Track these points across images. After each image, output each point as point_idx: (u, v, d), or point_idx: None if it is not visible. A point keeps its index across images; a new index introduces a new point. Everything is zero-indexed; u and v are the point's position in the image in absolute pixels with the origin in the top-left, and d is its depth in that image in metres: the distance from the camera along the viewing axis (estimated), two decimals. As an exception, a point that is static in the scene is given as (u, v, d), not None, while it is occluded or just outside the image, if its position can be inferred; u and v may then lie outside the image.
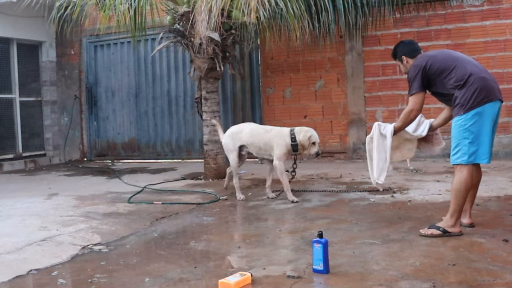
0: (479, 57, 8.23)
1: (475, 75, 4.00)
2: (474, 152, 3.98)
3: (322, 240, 3.31)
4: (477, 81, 3.98)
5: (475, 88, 3.96)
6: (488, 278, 3.10)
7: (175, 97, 10.38)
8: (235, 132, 6.15)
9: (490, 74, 4.19)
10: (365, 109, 9.05)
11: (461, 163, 4.01)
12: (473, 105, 3.96)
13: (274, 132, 5.88)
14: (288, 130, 5.80)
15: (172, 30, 7.73)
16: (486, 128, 4.00)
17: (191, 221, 5.09)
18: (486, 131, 4.00)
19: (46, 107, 11.14)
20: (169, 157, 10.49)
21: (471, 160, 3.98)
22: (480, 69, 4.10)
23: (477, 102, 3.96)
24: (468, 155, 3.98)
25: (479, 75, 4.02)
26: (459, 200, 4.01)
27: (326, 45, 8.74)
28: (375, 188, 6.12)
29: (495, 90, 4.05)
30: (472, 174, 4.04)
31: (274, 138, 5.80)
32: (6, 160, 10.06)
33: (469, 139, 3.98)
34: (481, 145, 3.99)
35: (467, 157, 3.99)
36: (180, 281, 3.29)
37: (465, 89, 3.99)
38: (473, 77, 3.99)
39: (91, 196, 6.51)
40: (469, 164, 3.99)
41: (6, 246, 4.17)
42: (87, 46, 11.03)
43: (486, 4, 8.26)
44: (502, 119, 8.22)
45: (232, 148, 6.10)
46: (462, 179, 3.99)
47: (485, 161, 4.02)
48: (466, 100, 3.98)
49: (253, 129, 6.10)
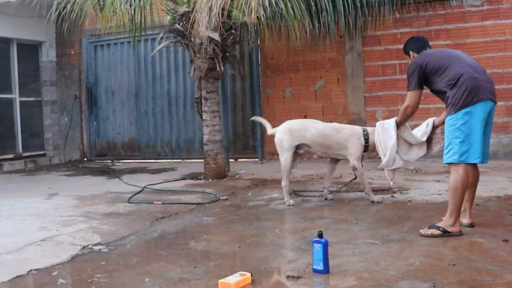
0: (479, 57, 8.23)
1: (466, 75, 4.06)
2: (466, 152, 4.02)
3: (322, 240, 3.31)
4: (468, 81, 4.04)
5: (465, 87, 4.02)
6: (488, 278, 3.10)
7: (175, 97, 10.38)
8: (296, 129, 5.63)
9: (485, 74, 4.21)
10: (365, 109, 9.05)
11: (452, 161, 4.06)
12: (463, 105, 4.02)
13: (348, 132, 5.52)
14: (362, 130, 5.52)
15: (172, 30, 7.73)
16: (477, 127, 4.03)
17: (191, 221, 5.09)
18: (477, 130, 4.03)
19: (46, 107, 11.14)
20: (169, 157, 10.49)
21: (462, 159, 4.02)
22: (474, 69, 4.13)
23: (467, 101, 4.01)
24: (459, 154, 4.03)
25: (471, 75, 4.07)
26: (457, 199, 4.03)
27: (326, 45, 8.74)
28: (375, 188, 6.13)
29: (486, 90, 4.08)
30: (469, 173, 4.06)
31: (350, 138, 5.47)
32: (6, 160, 10.06)
33: (460, 138, 4.03)
34: (472, 144, 4.02)
35: (458, 156, 4.03)
36: (180, 281, 3.29)
37: (456, 89, 4.06)
38: (464, 77, 4.05)
39: (91, 196, 6.51)
40: (463, 163, 4.03)
41: (6, 246, 4.17)
42: (87, 46, 11.03)
43: (486, 4, 8.26)
44: (502, 119, 8.23)
45: (288, 146, 5.58)
46: (458, 178, 4.02)
47: (477, 160, 4.05)
48: (456, 100, 4.05)
49: (321, 128, 5.63)
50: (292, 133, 5.60)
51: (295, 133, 5.59)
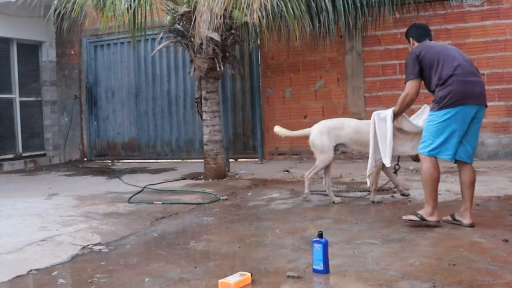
0: (479, 57, 8.25)
1: (456, 76, 4.19)
2: (437, 147, 4.22)
3: (322, 240, 3.31)
4: (456, 83, 4.17)
5: (451, 89, 4.16)
6: (488, 278, 3.10)
7: (175, 97, 10.38)
8: (332, 128, 5.53)
9: (477, 77, 4.29)
10: (365, 109, 9.04)
11: (422, 153, 4.31)
12: (445, 105, 4.18)
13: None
14: None
15: (172, 30, 7.73)
16: (453, 128, 4.18)
17: (191, 221, 5.09)
18: (453, 131, 4.18)
19: (46, 107, 11.14)
20: (169, 157, 10.49)
21: (432, 153, 4.24)
22: (466, 71, 4.22)
23: (450, 103, 4.16)
24: (430, 148, 4.25)
25: (460, 78, 4.19)
26: (428, 189, 4.28)
27: (326, 45, 8.74)
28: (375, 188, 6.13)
29: (474, 95, 4.19)
30: (435, 167, 4.26)
31: None
32: (6, 160, 10.06)
33: (434, 134, 4.23)
34: (446, 142, 4.20)
35: (428, 150, 4.26)
36: (180, 281, 3.29)
37: (443, 89, 4.20)
38: (452, 78, 4.19)
39: (91, 196, 6.51)
40: (431, 156, 4.24)
41: (6, 246, 4.17)
42: (87, 46, 11.03)
43: (486, 4, 8.26)
44: (502, 119, 8.23)
45: (329, 147, 5.46)
46: (425, 170, 4.29)
47: (447, 157, 4.24)
48: (441, 99, 4.21)
49: (355, 124, 5.53)
50: (330, 132, 5.52)
51: (332, 132, 5.52)
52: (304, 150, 9.27)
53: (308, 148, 5.81)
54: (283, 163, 9.02)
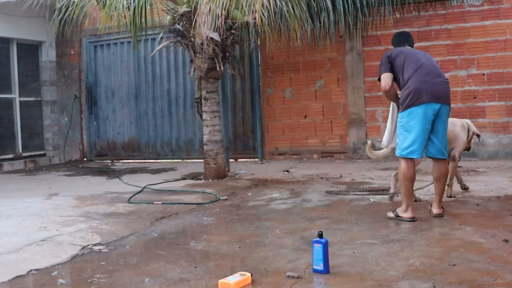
0: (479, 57, 8.26)
1: (414, 77, 4.46)
2: (407, 147, 4.48)
3: (322, 240, 3.31)
4: (414, 84, 4.44)
5: (411, 89, 4.44)
6: (488, 278, 3.10)
7: (175, 97, 10.38)
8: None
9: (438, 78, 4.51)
10: (365, 109, 9.04)
11: (397, 155, 4.59)
12: (408, 105, 4.46)
13: (460, 124, 5.43)
14: (467, 124, 5.47)
15: (172, 30, 7.73)
16: (418, 126, 4.43)
17: (191, 221, 5.09)
18: (418, 129, 4.43)
19: (46, 107, 11.13)
20: (169, 157, 10.49)
21: (405, 154, 4.50)
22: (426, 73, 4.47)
23: (411, 102, 4.44)
24: (402, 149, 4.53)
25: (421, 77, 4.45)
26: (403, 189, 4.57)
27: (326, 45, 8.74)
28: (375, 188, 6.14)
29: (434, 93, 4.42)
30: (409, 166, 4.51)
31: (461, 130, 5.41)
32: (6, 160, 10.06)
33: (403, 135, 4.53)
34: (415, 142, 4.45)
35: (400, 151, 4.55)
36: (180, 281, 3.29)
37: (406, 89, 4.50)
38: (411, 79, 4.47)
39: (91, 196, 6.50)
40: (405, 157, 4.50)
41: (6, 246, 4.17)
42: (87, 46, 11.03)
43: (486, 4, 8.26)
44: (502, 119, 8.23)
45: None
46: (400, 170, 4.58)
47: (417, 156, 4.50)
48: (403, 100, 4.52)
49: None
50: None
51: None
52: (304, 150, 9.28)
53: (308, 148, 5.81)
54: (283, 163, 9.02)
